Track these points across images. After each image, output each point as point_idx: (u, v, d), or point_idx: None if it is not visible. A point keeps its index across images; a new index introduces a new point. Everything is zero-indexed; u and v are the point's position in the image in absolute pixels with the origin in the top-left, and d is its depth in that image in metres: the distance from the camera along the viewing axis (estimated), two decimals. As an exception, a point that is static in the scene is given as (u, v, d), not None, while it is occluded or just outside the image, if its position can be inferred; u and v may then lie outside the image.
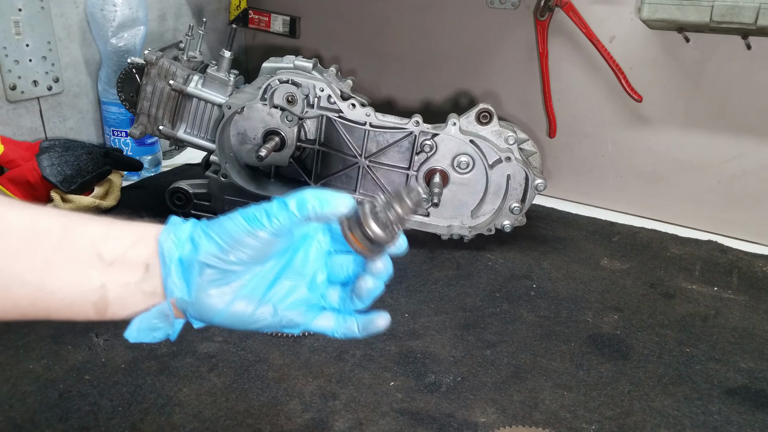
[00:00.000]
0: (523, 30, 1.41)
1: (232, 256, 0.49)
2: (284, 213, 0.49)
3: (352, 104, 1.11)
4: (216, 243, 0.49)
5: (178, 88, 1.13)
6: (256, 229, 0.48)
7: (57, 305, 0.48)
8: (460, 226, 1.17)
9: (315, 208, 0.49)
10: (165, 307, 0.49)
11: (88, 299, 0.48)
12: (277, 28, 1.74)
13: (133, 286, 0.49)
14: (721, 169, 1.29)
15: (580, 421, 0.76)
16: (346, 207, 0.49)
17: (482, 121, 1.11)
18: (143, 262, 0.49)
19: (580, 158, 1.45)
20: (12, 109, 1.30)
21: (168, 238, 0.50)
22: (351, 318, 0.54)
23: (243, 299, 0.50)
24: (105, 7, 1.34)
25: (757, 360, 0.89)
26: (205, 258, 0.48)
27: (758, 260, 1.18)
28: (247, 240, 0.48)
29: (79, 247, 0.48)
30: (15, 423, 0.72)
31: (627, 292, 1.07)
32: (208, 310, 0.49)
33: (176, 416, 0.74)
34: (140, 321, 0.49)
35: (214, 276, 0.49)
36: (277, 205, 0.49)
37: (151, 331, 0.50)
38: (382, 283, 0.53)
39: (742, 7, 1.08)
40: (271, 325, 0.52)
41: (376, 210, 0.48)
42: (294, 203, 0.49)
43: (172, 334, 0.51)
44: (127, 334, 0.49)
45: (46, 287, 0.47)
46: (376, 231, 0.48)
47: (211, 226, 0.50)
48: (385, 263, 0.52)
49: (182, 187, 1.17)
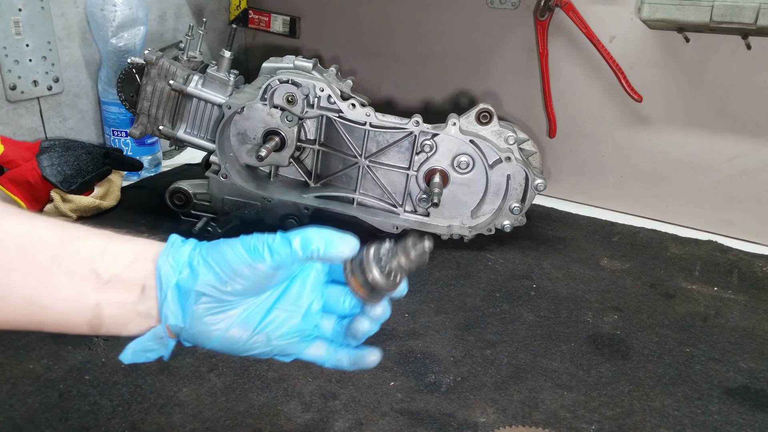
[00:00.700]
0: (523, 30, 1.41)
1: (230, 287, 0.48)
2: (287, 250, 0.48)
3: (352, 104, 1.11)
4: (214, 272, 0.48)
5: (178, 88, 1.13)
6: (256, 262, 0.48)
7: (51, 319, 0.48)
8: (460, 226, 1.17)
9: (319, 249, 0.48)
10: (160, 330, 0.49)
11: (82, 316, 0.48)
12: (277, 28, 1.74)
13: (128, 307, 0.49)
14: (721, 169, 1.29)
15: (580, 421, 0.76)
16: (351, 250, 0.49)
17: (482, 121, 1.11)
18: (140, 283, 0.49)
19: (580, 158, 1.45)
20: (12, 109, 1.30)
21: (166, 262, 0.49)
22: (342, 350, 0.55)
23: (237, 327, 0.50)
24: (105, 7, 1.34)
25: (757, 360, 0.89)
26: (203, 288, 0.48)
27: (758, 260, 1.18)
28: (246, 272, 0.48)
29: (76, 262, 0.48)
30: (15, 423, 0.72)
31: (627, 292, 1.07)
32: (201, 336, 0.50)
33: (176, 416, 0.74)
34: (135, 345, 0.50)
35: (210, 304, 0.49)
36: (280, 240, 0.49)
37: (146, 352, 0.50)
38: (378, 325, 0.53)
39: (742, 7, 1.08)
40: (263, 353, 0.52)
41: (380, 257, 0.48)
42: (298, 242, 0.48)
43: (166, 355, 0.52)
44: (123, 356, 0.50)
45: (41, 300, 0.47)
46: (378, 279, 0.47)
47: (211, 252, 0.49)
48: (383, 308, 0.52)
49: (182, 187, 1.17)
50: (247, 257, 0.48)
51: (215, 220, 1.18)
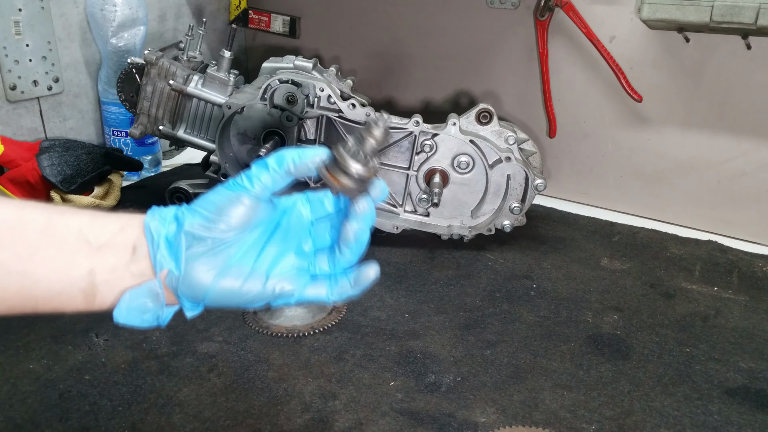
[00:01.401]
0: (523, 30, 1.41)
1: (219, 224, 0.49)
2: (265, 172, 0.50)
3: (352, 104, 1.11)
4: (201, 214, 0.50)
5: (178, 88, 1.13)
6: (239, 193, 0.50)
7: (44, 294, 0.48)
8: (460, 226, 1.17)
9: (294, 159, 0.50)
10: (155, 285, 0.49)
11: (76, 286, 0.48)
12: (277, 28, 1.74)
13: (121, 269, 0.49)
14: (721, 169, 1.29)
15: (580, 421, 0.76)
16: (323, 154, 0.51)
17: (482, 121, 1.11)
18: (130, 244, 0.49)
19: (580, 158, 1.45)
20: (12, 109, 1.30)
21: (153, 219, 0.50)
22: (342, 277, 0.54)
23: (232, 270, 0.50)
24: (105, 7, 1.34)
25: (757, 360, 0.89)
26: (191, 228, 0.49)
27: (758, 260, 1.18)
28: (232, 206, 0.50)
29: (65, 234, 0.48)
30: (15, 423, 0.72)
31: (627, 292, 1.07)
32: (198, 284, 0.49)
33: (176, 416, 0.74)
34: (130, 298, 0.49)
35: (201, 248, 0.49)
36: (256, 166, 0.51)
37: (141, 312, 0.49)
38: (368, 225, 0.53)
39: (742, 7, 1.08)
40: (263, 296, 0.51)
41: (349, 147, 0.50)
42: (273, 160, 0.51)
43: (163, 318, 0.51)
44: (116, 312, 0.49)
45: (32, 275, 0.47)
46: (353, 165, 0.49)
47: (195, 202, 0.51)
48: (368, 202, 0.53)
49: (182, 187, 1.17)
50: (229, 192, 0.50)
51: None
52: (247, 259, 0.51)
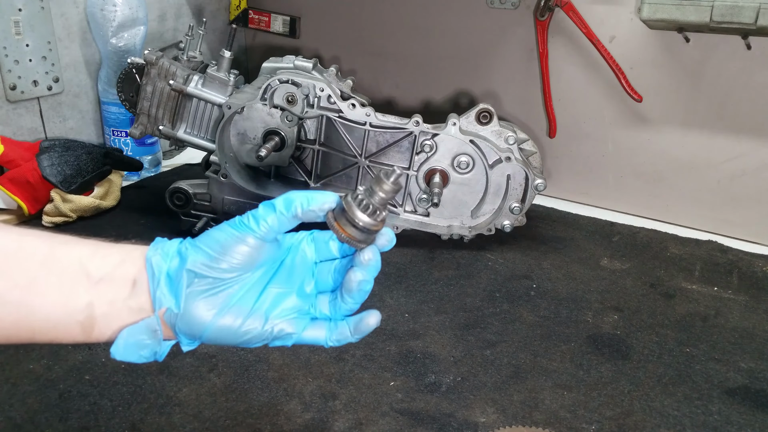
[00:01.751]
0: (523, 30, 1.41)
1: (222, 264, 0.49)
2: (272, 214, 0.49)
3: (352, 104, 1.11)
4: (204, 252, 0.49)
5: (178, 88, 1.13)
6: (245, 234, 0.49)
7: (42, 324, 0.47)
8: (460, 226, 1.17)
9: (302, 204, 0.49)
10: (153, 321, 0.48)
11: (74, 318, 0.47)
12: (277, 28, 1.74)
13: (120, 303, 0.48)
14: (721, 169, 1.29)
15: (580, 421, 0.76)
16: (332, 202, 0.50)
17: (482, 121, 1.11)
18: (130, 278, 0.49)
19: (580, 158, 1.45)
20: (12, 109, 1.30)
21: (156, 253, 0.49)
22: (342, 323, 0.54)
23: (232, 310, 0.49)
24: (105, 7, 1.34)
25: (757, 360, 0.89)
26: (194, 266, 0.48)
27: (758, 260, 1.18)
28: (236, 246, 0.49)
29: (66, 265, 0.48)
30: (15, 423, 0.72)
31: (627, 292, 1.07)
32: (196, 322, 0.49)
33: (176, 416, 0.74)
34: (127, 335, 0.48)
35: (202, 286, 0.49)
36: (263, 208, 0.50)
37: (139, 348, 0.49)
38: (372, 276, 0.52)
39: (742, 7, 1.08)
40: (262, 337, 0.51)
41: (358, 197, 0.49)
42: (281, 203, 0.50)
43: (160, 354, 0.50)
44: (114, 349, 0.48)
45: (30, 305, 0.46)
46: (360, 216, 0.49)
47: (199, 238, 0.50)
48: (373, 253, 0.52)
49: (182, 187, 1.17)
50: (235, 232, 0.49)
51: (215, 220, 1.18)
52: (248, 299, 0.50)
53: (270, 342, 0.52)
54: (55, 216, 1.18)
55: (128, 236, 1.18)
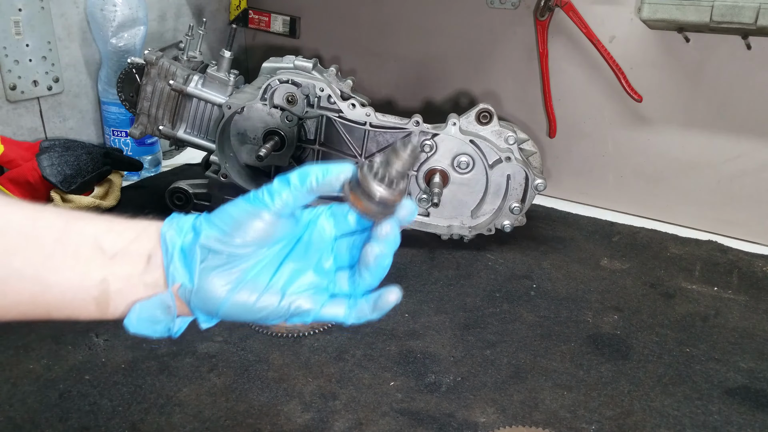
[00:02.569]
0: (523, 30, 1.41)
1: (236, 239, 0.48)
2: (287, 188, 0.48)
3: (352, 104, 1.11)
4: (218, 227, 0.48)
5: (178, 88, 1.13)
6: (259, 208, 0.48)
7: (57, 300, 0.47)
8: (460, 226, 1.17)
9: (318, 177, 0.48)
10: (167, 297, 0.48)
11: (89, 294, 0.47)
12: (277, 28, 1.74)
13: (135, 278, 0.48)
14: (721, 169, 1.29)
15: (580, 421, 0.76)
16: (348, 172, 0.48)
17: (482, 121, 1.11)
18: (145, 253, 0.48)
19: (580, 158, 1.45)
20: (12, 109, 1.30)
21: (170, 228, 0.49)
22: (362, 300, 0.52)
23: (247, 285, 0.48)
24: (105, 7, 1.34)
25: (757, 360, 0.89)
26: (207, 241, 0.47)
27: (758, 260, 1.18)
28: (251, 221, 0.48)
29: (80, 241, 0.47)
30: (15, 423, 0.72)
31: (627, 292, 1.07)
32: (211, 298, 0.48)
33: (176, 416, 0.74)
34: (141, 309, 0.48)
35: (216, 262, 0.48)
36: (278, 182, 0.48)
37: (152, 323, 0.48)
38: (390, 250, 0.51)
39: (742, 7, 1.08)
40: (278, 313, 0.49)
41: (374, 167, 0.47)
42: (296, 177, 0.48)
43: (174, 330, 0.50)
44: (127, 321, 0.48)
45: (46, 281, 0.46)
46: (377, 188, 0.46)
47: (214, 213, 0.49)
48: (391, 226, 0.50)
49: (182, 187, 1.17)
50: (249, 207, 0.48)
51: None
52: (264, 275, 0.49)
53: (288, 319, 0.50)
54: (55, 216, 1.18)
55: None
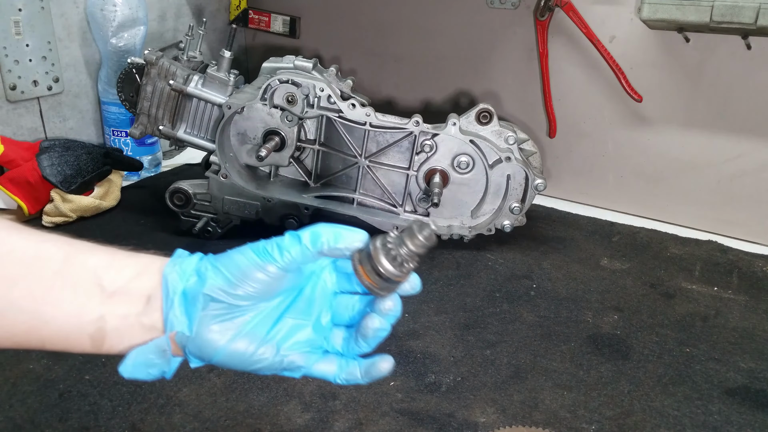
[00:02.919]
0: (523, 30, 1.41)
1: (240, 290, 0.47)
2: (297, 247, 0.47)
3: (352, 104, 1.10)
4: (223, 276, 0.47)
5: (178, 88, 1.13)
6: (266, 262, 0.47)
7: (53, 334, 0.47)
8: (460, 226, 1.17)
9: (329, 241, 0.47)
10: (163, 342, 0.47)
11: (85, 330, 0.47)
12: (277, 28, 1.74)
13: (132, 318, 0.47)
14: (721, 169, 1.29)
15: (580, 421, 0.76)
16: (360, 242, 0.48)
17: (482, 121, 1.11)
18: (145, 294, 0.48)
19: (580, 158, 1.45)
20: (12, 109, 1.30)
21: (173, 270, 0.48)
22: (354, 362, 0.52)
23: (245, 337, 0.48)
24: (105, 7, 1.34)
25: (757, 360, 0.89)
26: (211, 291, 0.47)
27: (758, 260, 1.18)
28: (257, 274, 0.47)
29: (81, 275, 0.47)
30: (15, 423, 0.72)
31: (627, 292, 1.07)
32: (208, 346, 0.48)
33: (176, 416, 0.74)
34: (136, 355, 0.47)
35: (217, 311, 0.47)
36: (289, 238, 0.48)
37: (147, 367, 0.48)
38: (390, 324, 0.51)
39: (742, 7, 1.08)
40: (272, 367, 0.50)
41: (387, 245, 0.47)
42: (308, 237, 0.47)
43: (168, 372, 0.49)
44: (122, 368, 0.47)
45: (43, 316, 0.46)
46: (386, 266, 0.47)
47: (219, 259, 0.48)
48: (394, 302, 0.50)
49: (182, 187, 1.17)
50: (257, 259, 0.47)
51: (215, 220, 1.18)
52: (262, 328, 0.49)
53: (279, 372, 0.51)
54: (55, 216, 1.18)
55: (128, 236, 1.18)
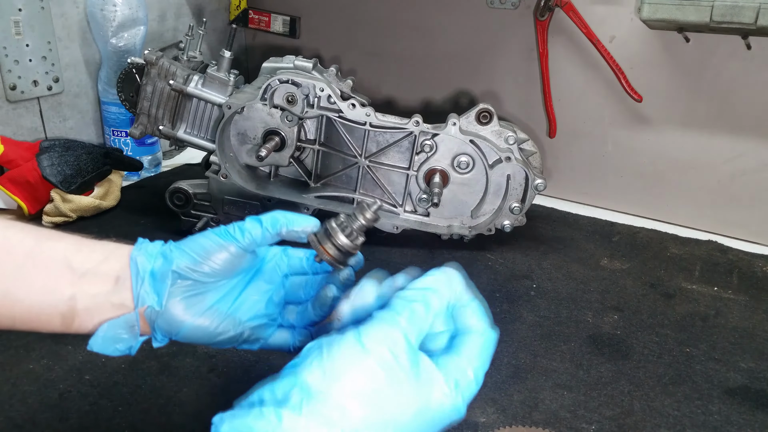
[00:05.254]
0: (523, 30, 1.41)
1: (205, 267, 0.52)
2: (257, 229, 0.54)
3: (352, 104, 1.10)
4: (188, 256, 0.52)
5: (178, 88, 1.13)
6: (229, 242, 0.53)
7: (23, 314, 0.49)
8: (460, 226, 1.17)
9: (287, 225, 0.55)
10: (132, 318, 0.51)
11: (56, 309, 0.49)
12: (277, 28, 1.74)
13: (102, 297, 0.50)
14: (721, 169, 1.29)
15: (580, 421, 0.76)
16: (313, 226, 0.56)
17: (482, 121, 1.11)
18: (114, 275, 0.51)
19: (580, 158, 1.45)
20: (12, 109, 1.30)
21: (140, 253, 0.52)
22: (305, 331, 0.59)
23: (208, 312, 0.53)
24: (105, 7, 1.34)
25: (757, 360, 0.89)
26: (178, 268, 0.51)
27: (758, 260, 1.18)
28: (220, 253, 0.53)
29: (51, 257, 0.50)
30: (15, 423, 0.72)
31: (627, 292, 1.07)
32: (175, 320, 0.52)
33: (176, 416, 0.74)
34: (107, 329, 0.51)
35: (184, 287, 0.52)
36: (250, 221, 0.54)
37: (115, 342, 0.51)
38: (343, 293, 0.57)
39: (742, 7, 1.08)
40: (232, 339, 0.55)
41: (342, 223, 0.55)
42: (267, 220, 0.55)
43: (133, 349, 0.53)
44: (92, 341, 0.51)
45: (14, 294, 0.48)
46: (343, 240, 0.54)
47: (183, 242, 0.53)
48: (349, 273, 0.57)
49: (182, 187, 1.17)
50: (220, 240, 0.53)
51: (215, 220, 1.18)
52: (224, 303, 0.54)
53: (239, 345, 0.56)
54: (55, 216, 1.18)
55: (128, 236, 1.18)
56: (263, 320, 0.57)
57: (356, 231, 0.55)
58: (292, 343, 0.59)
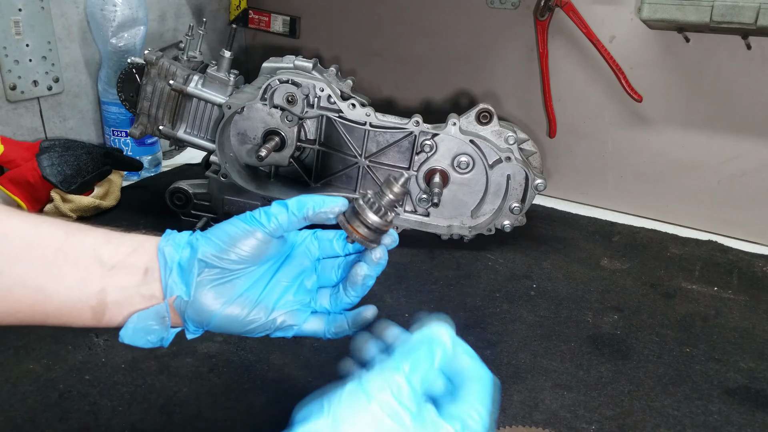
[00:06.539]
0: (523, 30, 1.41)
1: (232, 254, 0.51)
2: (283, 213, 0.52)
3: (352, 104, 1.11)
4: (215, 243, 0.51)
5: (178, 88, 1.13)
6: (255, 228, 0.51)
7: (55, 309, 0.49)
8: (460, 226, 1.17)
9: (314, 207, 0.52)
10: (162, 308, 0.50)
11: (87, 303, 0.49)
12: (277, 28, 1.74)
13: (132, 290, 0.50)
14: (721, 169, 1.29)
15: (580, 421, 0.76)
16: (342, 206, 0.54)
17: (482, 121, 1.11)
18: (143, 266, 0.51)
19: (580, 158, 1.45)
20: (12, 109, 1.30)
21: (168, 244, 0.51)
22: (340, 316, 0.57)
23: (239, 300, 0.52)
24: (105, 7, 1.34)
25: (757, 360, 0.89)
26: (204, 256, 0.50)
27: (758, 260, 1.18)
28: (246, 239, 0.51)
29: (80, 251, 0.49)
30: (15, 423, 0.72)
31: (627, 292, 1.07)
32: (205, 310, 0.51)
33: (176, 416, 0.74)
34: (137, 320, 0.50)
35: (212, 276, 0.51)
36: (276, 206, 0.52)
37: (146, 333, 0.51)
38: (377, 273, 0.56)
39: (742, 7, 1.08)
40: (265, 327, 0.53)
41: (370, 200, 0.53)
42: (294, 204, 0.52)
43: (166, 339, 0.53)
44: (123, 333, 0.50)
45: (46, 290, 0.48)
46: (373, 218, 0.52)
47: (209, 231, 0.52)
48: (382, 252, 0.55)
49: (182, 187, 1.17)
50: (246, 226, 0.52)
51: (215, 220, 1.18)
52: (254, 291, 0.53)
53: (272, 333, 0.54)
54: (54, 216, 1.18)
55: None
56: (296, 306, 0.55)
57: (385, 207, 0.53)
58: (326, 329, 0.56)
